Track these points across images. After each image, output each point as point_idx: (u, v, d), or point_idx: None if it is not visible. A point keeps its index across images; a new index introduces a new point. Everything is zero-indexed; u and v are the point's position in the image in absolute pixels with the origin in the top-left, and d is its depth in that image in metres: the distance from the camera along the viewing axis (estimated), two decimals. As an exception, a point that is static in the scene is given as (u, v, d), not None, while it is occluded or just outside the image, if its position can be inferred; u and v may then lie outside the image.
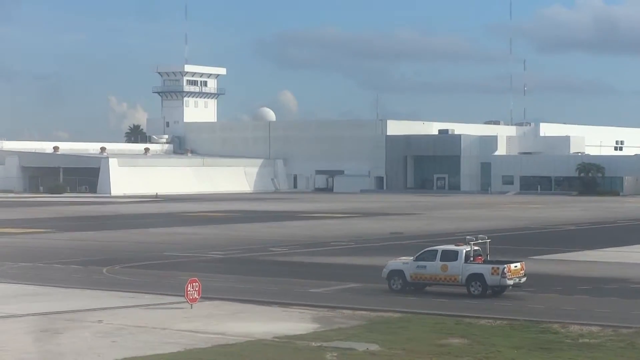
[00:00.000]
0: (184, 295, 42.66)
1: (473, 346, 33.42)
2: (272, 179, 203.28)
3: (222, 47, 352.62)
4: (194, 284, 41.31)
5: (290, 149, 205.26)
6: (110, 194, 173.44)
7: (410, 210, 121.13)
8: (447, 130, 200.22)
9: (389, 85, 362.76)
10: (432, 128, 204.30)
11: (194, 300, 41.20)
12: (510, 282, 44.59)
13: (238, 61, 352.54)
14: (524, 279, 45.29)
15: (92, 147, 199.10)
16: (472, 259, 45.32)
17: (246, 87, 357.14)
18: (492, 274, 44.38)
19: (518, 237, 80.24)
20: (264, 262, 59.89)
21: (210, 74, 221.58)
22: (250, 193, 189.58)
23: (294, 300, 43.72)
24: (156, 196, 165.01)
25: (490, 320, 38.37)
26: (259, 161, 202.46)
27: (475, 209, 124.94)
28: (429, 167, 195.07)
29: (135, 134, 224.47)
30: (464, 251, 45.26)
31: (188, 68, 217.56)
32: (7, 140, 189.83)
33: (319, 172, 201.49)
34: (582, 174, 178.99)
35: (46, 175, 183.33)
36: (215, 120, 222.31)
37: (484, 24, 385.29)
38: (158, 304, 42.48)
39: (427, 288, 46.29)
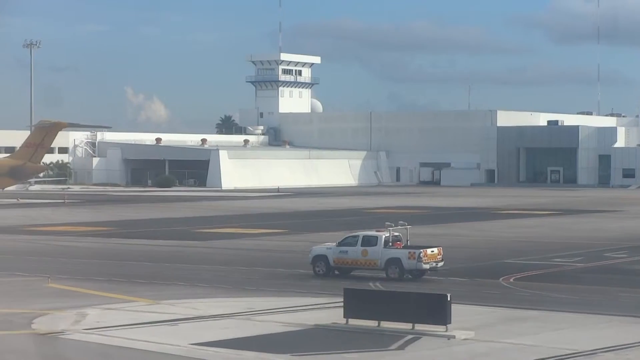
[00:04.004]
0: None
1: None
2: (375, 172, 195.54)
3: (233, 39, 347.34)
4: None
5: (392, 141, 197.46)
6: (221, 187, 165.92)
7: (589, 206, 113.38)
8: (557, 121, 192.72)
9: (406, 76, 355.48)
10: (539, 119, 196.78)
11: None
12: (427, 266, 47.27)
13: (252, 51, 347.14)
14: (441, 263, 47.94)
15: (189, 139, 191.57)
16: (391, 244, 47.76)
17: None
18: (409, 258, 46.98)
19: None
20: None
21: (305, 63, 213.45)
22: (355, 186, 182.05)
23: None
24: (278, 190, 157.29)
25: None
26: (362, 153, 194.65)
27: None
28: (543, 159, 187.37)
29: (228, 125, 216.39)
30: (383, 237, 47.81)
31: (284, 56, 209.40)
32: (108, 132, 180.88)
33: (423, 164, 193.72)
34: None
35: (149, 168, 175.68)
36: (310, 111, 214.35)
37: (502, 15, 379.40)
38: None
39: (352, 273, 48.52)
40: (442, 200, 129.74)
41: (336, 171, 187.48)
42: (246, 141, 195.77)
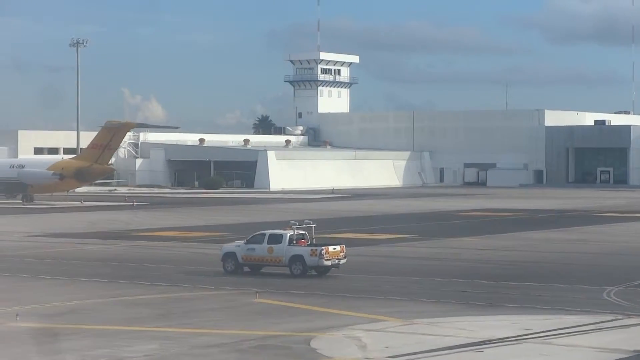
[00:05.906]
0: None
1: None
2: (419, 173, 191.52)
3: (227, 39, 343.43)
4: None
5: (436, 141, 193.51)
6: (269, 188, 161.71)
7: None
8: (604, 120, 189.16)
9: (403, 76, 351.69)
10: (585, 118, 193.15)
11: None
12: (328, 263, 49.14)
13: (249, 52, 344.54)
14: (343, 261, 49.83)
15: (231, 139, 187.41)
16: (295, 242, 49.52)
17: (258, 78, 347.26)
18: (311, 255, 48.83)
19: None
20: None
21: (344, 62, 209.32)
22: (400, 187, 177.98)
23: None
24: (332, 191, 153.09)
25: None
26: (406, 154, 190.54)
27: None
28: (592, 159, 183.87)
29: (265, 126, 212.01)
30: (288, 235, 49.67)
31: (323, 56, 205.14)
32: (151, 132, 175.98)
33: (467, 165, 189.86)
34: None
35: (193, 169, 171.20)
36: (348, 111, 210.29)
37: (497, 15, 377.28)
38: None
39: (262, 270, 50.44)
40: (510, 202, 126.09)
41: (381, 172, 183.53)
42: (288, 141, 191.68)
